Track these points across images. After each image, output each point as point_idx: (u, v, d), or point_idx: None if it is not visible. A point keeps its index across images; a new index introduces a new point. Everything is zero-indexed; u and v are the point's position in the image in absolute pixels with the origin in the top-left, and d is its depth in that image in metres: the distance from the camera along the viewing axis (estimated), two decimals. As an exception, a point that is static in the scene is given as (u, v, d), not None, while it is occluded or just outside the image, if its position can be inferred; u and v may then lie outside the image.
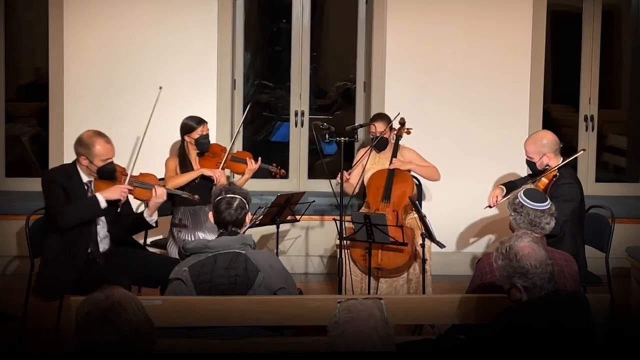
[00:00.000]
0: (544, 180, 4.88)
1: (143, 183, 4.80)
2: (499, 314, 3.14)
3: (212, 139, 6.08)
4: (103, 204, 4.58)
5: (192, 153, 5.47)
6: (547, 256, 3.11)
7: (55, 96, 6.32)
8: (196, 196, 4.99)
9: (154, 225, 4.82)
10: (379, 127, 5.67)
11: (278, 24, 7.33)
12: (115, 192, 4.62)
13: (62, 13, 6.25)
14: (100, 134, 4.69)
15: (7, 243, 6.20)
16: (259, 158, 5.51)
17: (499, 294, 3.52)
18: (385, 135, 5.66)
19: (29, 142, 7.08)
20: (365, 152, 5.75)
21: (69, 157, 6.25)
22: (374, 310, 2.54)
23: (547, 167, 4.98)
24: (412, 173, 5.67)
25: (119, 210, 4.73)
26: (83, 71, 6.31)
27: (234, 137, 5.68)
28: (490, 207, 5.21)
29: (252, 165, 5.45)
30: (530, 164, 5.10)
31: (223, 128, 6.36)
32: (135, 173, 4.85)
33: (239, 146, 6.70)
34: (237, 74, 6.66)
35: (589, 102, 6.81)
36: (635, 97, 7.34)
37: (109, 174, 4.68)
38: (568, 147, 7.10)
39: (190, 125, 5.43)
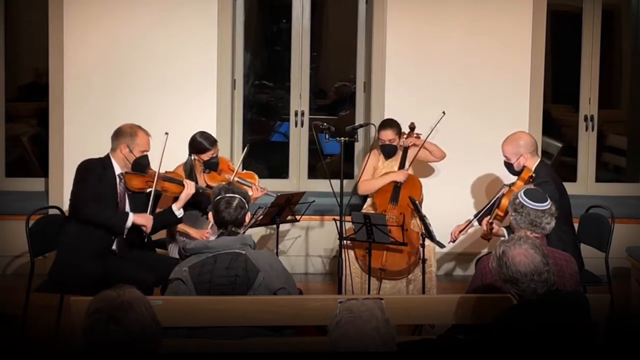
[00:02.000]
0: (519, 183, 4.87)
1: (173, 178, 4.93)
2: (499, 314, 3.14)
3: (225, 158, 6.08)
4: (129, 224, 4.66)
5: (199, 168, 5.33)
6: (542, 263, 3.08)
7: (55, 96, 6.32)
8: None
9: (179, 217, 4.87)
10: (388, 135, 5.69)
11: (278, 24, 7.33)
12: (144, 219, 4.70)
13: (62, 13, 6.25)
14: (140, 127, 4.85)
15: (7, 243, 6.21)
16: (265, 188, 5.28)
17: (499, 294, 3.53)
18: (395, 143, 5.69)
19: (29, 142, 7.08)
20: (376, 156, 5.79)
21: (68, 157, 6.28)
22: (375, 310, 2.54)
23: (524, 168, 4.99)
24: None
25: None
26: (83, 71, 6.31)
27: (238, 165, 5.51)
28: (453, 242, 5.21)
29: (257, 193, 5.23)
30: (507, 165, 5.11)
31: (223, 128, 6.36)
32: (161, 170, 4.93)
33: (239, 146, 6.69)
34: (237, 74, 6.66)
35: (589, 102, 6.81)
36: (635, 97, 7.34)
37: (142, 167, 4.80)
38: (568, 147, 7.12)
39: (204, 146, 5.20)
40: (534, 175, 4.89)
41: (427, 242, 5.09)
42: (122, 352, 2.35)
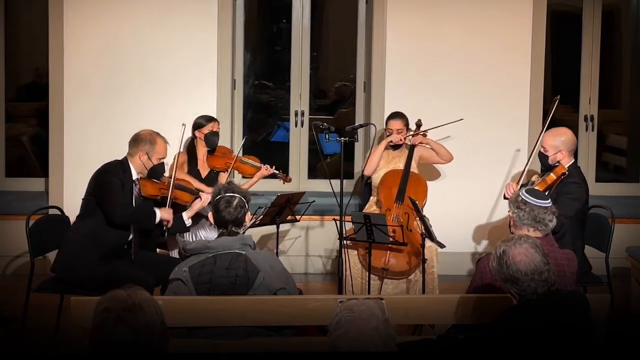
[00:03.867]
0: (552, 176, 4.90)
1: (186, 187, 5.04)
2: (499, 314, 3.14)
3: (227, 147, 6.09)
4: (157, 220, 4.74)
5: (202, 150, 5.58)
6: (542, 262, 3.08)
7: (55, 96, 6.31)
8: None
9: (187, 226, 4.98)
10: (397, 124, 5.72)
11: (278, 24, 7.33)
12: (168, 213, 4.81)
13: (62, 13, 6.25)
14: (159, 134, 4.91)
15: (7, 243, 6.20)
16: (273, 166, 5.60)
17: (499, 294, 3.53)
18: (402, 134, 5.70)
19: (29, 142, 7.08)
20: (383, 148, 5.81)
21: (68, 157, 6.28)
22: (375, 310, 2.54)
23: (557, 163, 4.99)
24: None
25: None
26: (83, 71, 6.31)
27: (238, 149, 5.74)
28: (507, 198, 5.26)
29: (265, 171, 5.55)
30: (542, 157, 5.10)
31: (223, 128, 6.34)
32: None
33: (239, 146, 6.69)
34: (237, 74, 6.66)
35: (589, 102, 6.81)
36: (635, 97, 7.34)
37: (158, 174, 4.88)
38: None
39: (200, 122, 5.57)
40: (566, 173, 4.91)
41: (430, 242, 5.09)
42: (127, 353, 2.34)
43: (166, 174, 5.04)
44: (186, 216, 4.93)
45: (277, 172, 5.64)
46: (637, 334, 4.97)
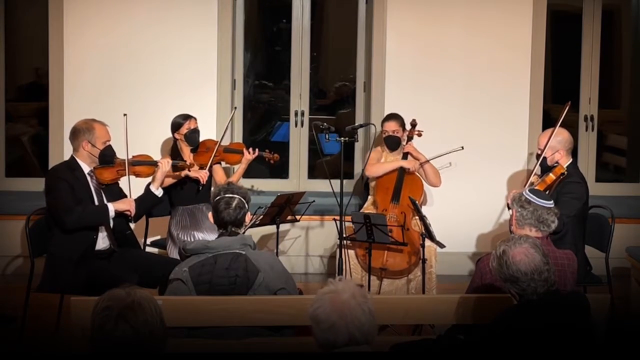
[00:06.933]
0: (551, 176, 4.90)
1: (143, 161, 4.97)
2: (499, 314, 3.14)
3: (212, 139, 6.09)
4: (112, 214, 4.66)
5: (185, 150, 5.55)
6: (542, 262, 3.09)
7: (55, 96, 6.32)
8: (188, 162, 5.29)
9: (159, 196, 4.92)
10: (392, 126, 5.70)
11: (278, 24, 7.33)
12: (125, 204, 4.73)
13: (62, 13, 6.25)
14: (95, 119, 4.82)
15: (7, 243, 6.20)
16: (256, 149, 5.60)
17: (499, 294, 3.53)
18: (398, 135, 5.69)
19: (29, 142, 7.08)
20: (379, 152, 5.79)
21: (69, 156, 6.27)
22: (350, 283, 2.66)
23: (556, 164, 5.00)
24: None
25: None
26: (83, 71, 6.31)
27: (223, 132, 5.76)
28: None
29: (249, 156, 5.54)
30: (540, 158, 5.10)
31: (223, 128, 6.34)
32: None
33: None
34: (237, 74, 6.66)
35: (589, 102, 6.80)
36: (635, 97, 7.34)
37: (110, 157, 4.78)
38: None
39: (177, 121, 5.54)
40: (565, 173, 4.91)
41: (428, 242, 5.09)
42: (128, 352, 2.34)
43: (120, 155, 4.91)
44: (153, 187, 4.88)
45: (262, 153, 5.63)
46: (637, 334, 4.97)
